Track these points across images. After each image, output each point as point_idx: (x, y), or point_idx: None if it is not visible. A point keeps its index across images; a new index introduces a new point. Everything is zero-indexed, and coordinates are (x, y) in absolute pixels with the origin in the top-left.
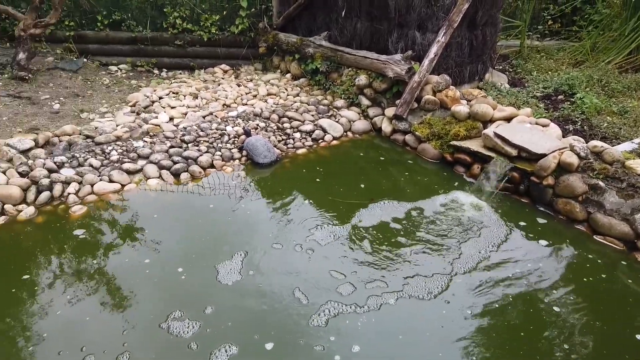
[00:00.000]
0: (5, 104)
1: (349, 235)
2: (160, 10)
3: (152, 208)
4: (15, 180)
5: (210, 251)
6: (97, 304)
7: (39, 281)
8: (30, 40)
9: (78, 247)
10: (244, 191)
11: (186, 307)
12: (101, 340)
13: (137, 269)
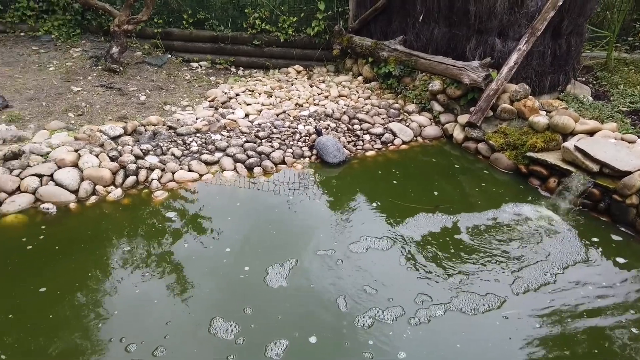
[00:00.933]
0: (99, 94)
1: (407, 241)
2: (241, 10)
3: (224, 199)
4: (106, 163)
5: (265, 249)
6: (158, 286)
7: (117, 257)
8: (123, 35)
9: (156, 229)
10: (311, 189)
11: (229, 305)
12: (141, 330)
13: (196, 256)
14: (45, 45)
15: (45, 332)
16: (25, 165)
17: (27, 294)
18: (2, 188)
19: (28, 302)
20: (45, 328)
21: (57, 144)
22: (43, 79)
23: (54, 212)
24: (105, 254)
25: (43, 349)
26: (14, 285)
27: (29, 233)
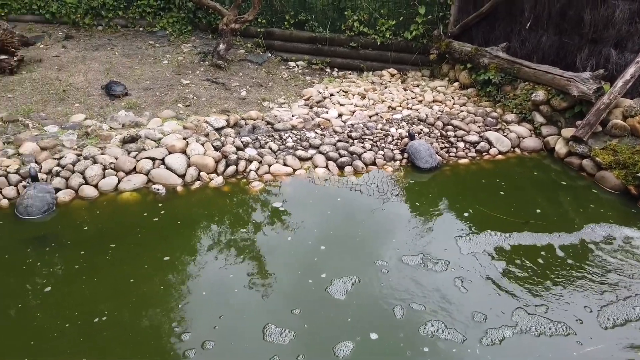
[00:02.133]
0: (205, 87)
1: (490, 254)
2: (341, 13)
3: (314, 194)
4: (210, 152)
5: (346, 248)
6: (241, 270)
7: (219, 239)
8: (229, 33)
9: (251, 217)
10: (400, 192)
11: (303, 302)
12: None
13: (281, 246)
14: (160, 40)
15: (149, 300)
16: (140, 148)
17: (154, 261)
18: (121, 168)
19: (153, 269)
20: (152, 296)
21: (168, 131)
22: (157, 71)
23: (163, 193)
24: (210, 234)
25: (133, 317)
26: (144, 252)
27: (149, 209)
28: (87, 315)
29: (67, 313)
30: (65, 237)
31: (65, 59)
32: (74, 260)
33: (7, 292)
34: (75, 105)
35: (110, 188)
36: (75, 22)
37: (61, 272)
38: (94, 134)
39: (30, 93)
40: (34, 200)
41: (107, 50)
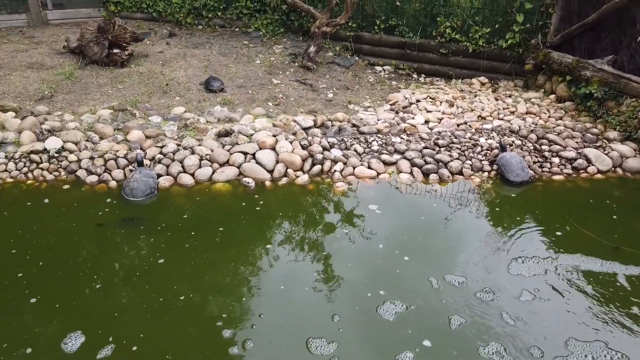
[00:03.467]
0: (294, 88)
1: (570, 280)
2: (432, 18)
3: (396, 199)
4: (298, 151)
5: (411, 261)
6: (309, 269)
7: (304, 234)
8: (320, 36)
9: (334, 216)
10: (487, 205)
11: (365, 302)
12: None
13: (348, 248)
14: (254, 41)
15: (219, 287)
16: (234, 142)
17: (256, 250)
18: (216, 159)
19: (254, 256)
20: (222, 284)
21: (259, 127)
22: (250, 70)
23: (253, 186)
24: (293, 229)
25: (217, 304)
26: (248, 240)
27: (242, 200)
28: (169, 296)
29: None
30: (169, 219)
31: (168, 55)
32: (184, 239)
33: (127, 263)
34: (176, 98)
35: (205, 178)
36: (178, 20)
37: (166, 250)
38: (192, 126)
39: (138, 85)
40: (139, 184)
41: (205, 49)
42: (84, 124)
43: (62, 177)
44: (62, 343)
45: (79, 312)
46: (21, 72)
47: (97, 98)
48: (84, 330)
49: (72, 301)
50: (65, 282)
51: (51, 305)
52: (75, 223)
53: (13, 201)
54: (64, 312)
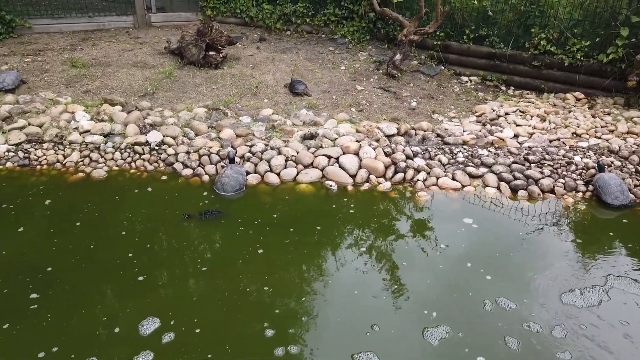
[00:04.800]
0: (377, 95)
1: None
2: (526, 29)
3: (479, 213)
4: (381, 157)
5: (491, 278)
6: (379, 277)
7: (373, 240)
8: (407, 44)
9: (415, 224)
10: (581, 228)
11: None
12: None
13: (424, 260)
14: (340, 47)
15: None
16: (318, 145)
17: (347, 252)
18: (301, 161)
19: (346, 257)
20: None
21: (343, 132)
22: (335, 76)
23: (335, 190)
24: (371, 235)
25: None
26: (342, 241)
27: (326, 201)
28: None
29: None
30: (262, 215)
31: (258, 59)
32: (284, 235)
33: (229, 251)
34: (264, 100)
35: (289, 178)
36: (268, 26)
37: (264, 243)
38: (279, 127)
39: (230, 86)
40: (229, 179)
41: (292, 53)
42: (181, 120)
43: (160, 168)
44: (144, 322)
45: (175, 293)
46: (127, 70)
47: (193, 97)
48: (164, 313)
49: (174, 280)
50: (168, 264)
51: (155, 283)
52: (179, 211)
53: (121, 187)
54: (168, 289)
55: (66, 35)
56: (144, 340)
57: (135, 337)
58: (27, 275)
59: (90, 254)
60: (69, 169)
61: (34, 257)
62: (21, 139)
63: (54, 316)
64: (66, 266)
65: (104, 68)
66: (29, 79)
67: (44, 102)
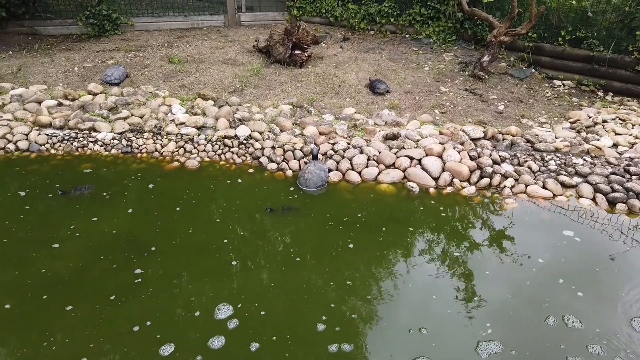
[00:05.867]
0: (462, 97)
1: None
2: (630, 32)
3: (571, 225)
4: (465, 161)
5: (568, 296)
6: (449, 286)
7: (452, 245)
8: (497, 46)
9: (501, 233)
10: None
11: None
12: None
13: (501, 270)
14: (424, 48)
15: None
16: (400, 146)
17: (436, 255)
18: (382, 161)
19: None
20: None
21: (426, 134)
22: (418, 77)
23: (417, 192)
24: (452, 239)
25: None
26: (436, 244)
27: (407, 203)
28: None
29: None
30: (348, 212)
31: (341, 58)
32: (364, 234)
33: (315, 245)
34: (347, 99)
35: (371, 177)
36: (352, 26)
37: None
38: (361, 127)
39: (313, 85)
40: (312, 175)
41: (375, 53)
42: (267, 116)
43: (247, 161)
44: (221, 306)
45: (263, 282)
46: (218, 67)
47: (278, 94)
48: (245, 300)
49: (263, 269)
50: (259, 253)
51: (249, 268)
52: (270, 202)
53: (213, 178)
54: (258, 276)
55: (164, 33)
56: (217, 324)
57: (210, 321)
58: (134, 253)
59: (189, 238)
60: (166, 158)
61: (141, 236)
62: (125, 128)
63: (153, 292)
64: (168, 247)
65: (197, 64)
66: (132, 73)
67: (145, 95)
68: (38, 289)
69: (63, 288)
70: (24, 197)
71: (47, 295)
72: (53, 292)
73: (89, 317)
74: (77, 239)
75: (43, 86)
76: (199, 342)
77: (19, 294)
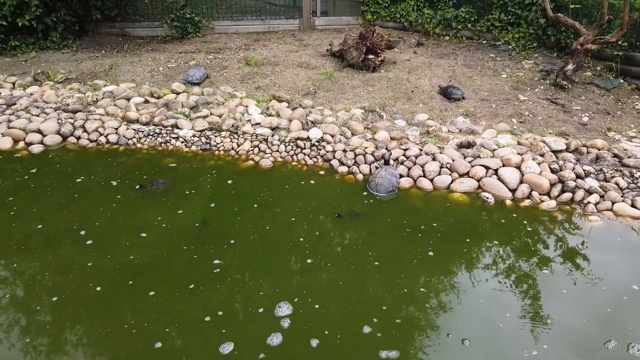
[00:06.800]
0: (542, 106)
1: None
2: None
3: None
4: (546, 173)
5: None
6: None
7: (528, 261)
8: (582, 54)
9: (581, 252)
10: None
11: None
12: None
13: (571, 293)
14: (502, 54)
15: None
16: (476, 155)
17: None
18: (456, 169)
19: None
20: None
21: (503, 144)
22: (495, 84)
23: (492, 203)
24: (525, 254)
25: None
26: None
27: (482, 214)
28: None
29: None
30: (420, 221)
31: (414, 63)
32: (456, 245)
33: (391, 251)
34: (419, 105)
35: (443, 185)
36: (427, 31)
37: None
38: (434, 133)
39: (385, 89)
40: (383, 180)
41: (450, 59)
42: (339, 119)
43: (319, 163)
44: (282, 304)
45: (335, 283)
46: (292, 70)
47: (350, 98)
48: (308, 299)
49: (342, 268)
50: (335, 254)
51: (323, 265)
52: (345, 205)
53: (286, 177)
54: (328, 276)
55: (241, 36)
56: (276, 321)
57: (270, 318)
58: (215, 244)
59: (265, 234)
60: (241, 157)
61: (221, 230)
62: (204, 127)
63: (229, 283)
64: (246, 241)
65: (272, 67)
66: (212, 74)
67: (224, 95)
68: (126, 274)
69: (148, 274)
70: (115, 186)
71: (133, 281)
72: (138, 278)
73: (168, 303)
74: (162, 230)
75: (131, 84)
76: (262, 334)
77: (109, 278)
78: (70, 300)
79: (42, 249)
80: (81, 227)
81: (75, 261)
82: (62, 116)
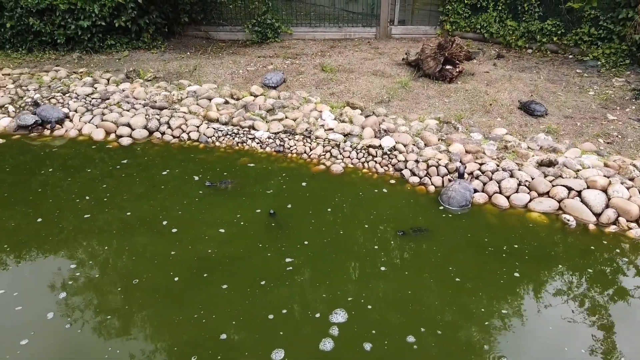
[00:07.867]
0: (633, 127)
1: None
2: None
3: None
4: (635, 199)
5: None
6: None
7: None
8: None
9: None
10: None
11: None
12: None
13: None
14: (589, 70)
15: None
16: (557, 174)
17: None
18: (535, 188)
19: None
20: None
21: (588, 164)
22: (581, 101)
23: (573, 226)
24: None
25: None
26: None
27: (576, 240)
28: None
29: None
30: (504, 240)
31: (493, 76)
32: (511, 263)
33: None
34: (497, 119)
35: (520, 204)
36: (508, 43)
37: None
38: (512, 149)
39: (462, 101)
40: (456, 194)
41: (532, 73)
42: (412, 129)
43: (389, 172)
44: (337, 310)
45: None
46: (367, 77)
47: (425, 108)
48: (364, 308)
49: (421, 283)
50: (411, 266)
51: (392, 277)
52: (421, 216)
53: (357, 184)
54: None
55: (318, 42)
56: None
57: (324, 324)
58: (289, 244)
59: (338, 239)
60: (313, 160)
61: (297, 231)
62: (279, 129)
63: (299, 282)
64: (319, 244)
65: (347, 74)
66: (288, 79)
67: (299, 99)
68: (202, 267)
69: (223, 269)
70: (197, 181)
71: (208, 274)
72: (214, 271)
73: (239, 297)
74: (240, 227)
75: (213, 85)
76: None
77: (186, 270)
78: (149, 285)
79: (129, 235)
80: (165, 218)
81: (159, 250)
82: (149, 112)
